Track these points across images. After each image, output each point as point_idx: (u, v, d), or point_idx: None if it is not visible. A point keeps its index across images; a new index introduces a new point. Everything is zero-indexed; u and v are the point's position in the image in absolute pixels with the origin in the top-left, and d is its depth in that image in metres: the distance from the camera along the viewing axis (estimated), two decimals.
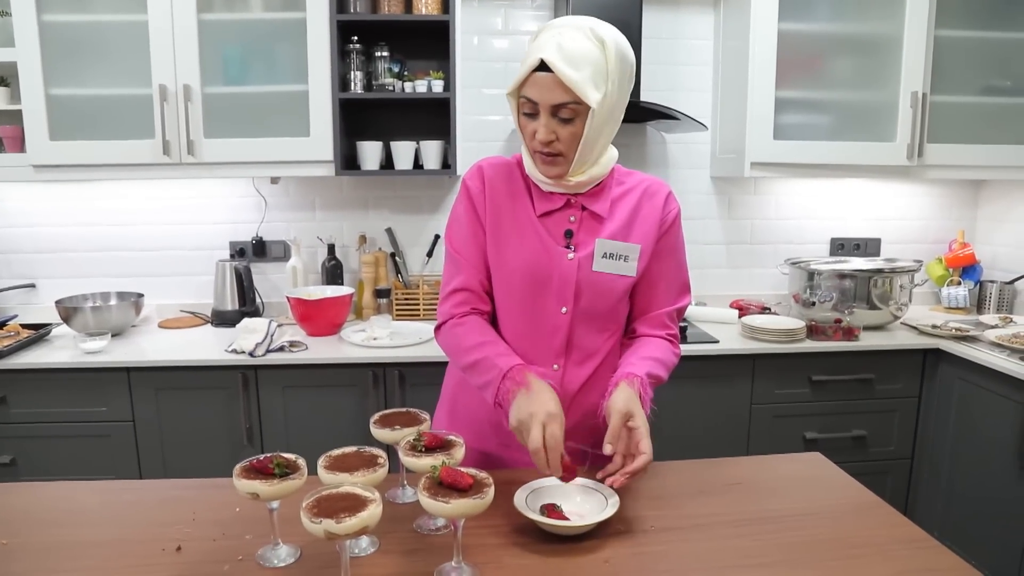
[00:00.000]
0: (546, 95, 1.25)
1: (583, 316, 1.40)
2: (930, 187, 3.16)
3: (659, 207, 1.43)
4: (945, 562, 1.10)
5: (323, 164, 2.55)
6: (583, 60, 1.23)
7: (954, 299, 3.02)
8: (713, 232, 3.11)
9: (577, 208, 1.40)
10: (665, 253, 1.44)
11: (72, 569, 1.08)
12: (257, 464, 1.08)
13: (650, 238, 1.42)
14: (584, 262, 1.38)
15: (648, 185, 1.45)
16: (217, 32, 2.46)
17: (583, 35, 1.25)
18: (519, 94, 1.30)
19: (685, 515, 1.24)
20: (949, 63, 2.70)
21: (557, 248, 1.38)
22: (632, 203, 1.42)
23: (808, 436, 2.57)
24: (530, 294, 1.39)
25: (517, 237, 1.40)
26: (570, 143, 1.30)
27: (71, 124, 2.48)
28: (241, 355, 2.34)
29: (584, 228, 1.40)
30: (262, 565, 1.09)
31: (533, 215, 1.40)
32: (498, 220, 1.41)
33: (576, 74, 1.22)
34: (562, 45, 1.23)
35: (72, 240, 2.89)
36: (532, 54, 1.25)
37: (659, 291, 1.46)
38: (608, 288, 1.40)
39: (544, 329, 1.40)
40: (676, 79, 2.97)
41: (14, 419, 2.33)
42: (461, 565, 1.05)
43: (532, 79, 1.26)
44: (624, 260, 1.39)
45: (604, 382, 1.42)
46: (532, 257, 1.38)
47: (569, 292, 1.38)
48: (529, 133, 1.32)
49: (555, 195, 1.40)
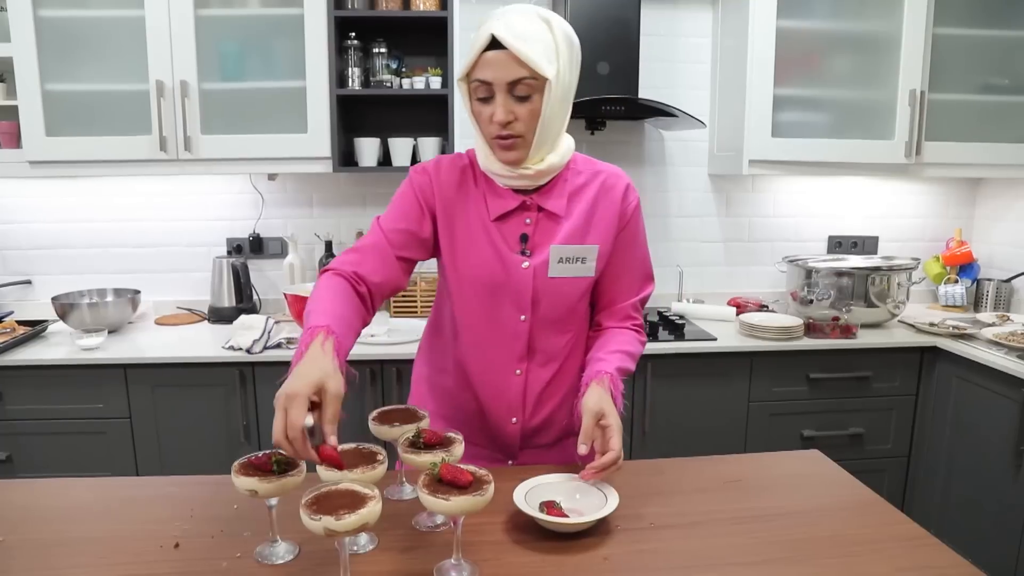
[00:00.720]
0: (500, 72, 1.22)
1: (543, 322, 1.38)
2: (928, 185, 3.17)
3: (618, 201, 1.40)
4: (944, 559, 1.10)
5: (320, 161, 2.54)
6: (532, 37, 1.21)
7: (951, 297, 3.02)
8: (711, 230, 3.11)
9: (533, 209, 1.36)
10: (626, 246, 1.43)
11: (70, 566, 1.07)
12: (256, 461, 1.07)
13: (609, 235, 1.39)
14: (540, 269, 1.35)
15: (606, 177, 1.41)
16: (214, 28, 2.45)
17: (528, 18, 1.23)
18: (471, 78, 1.26)
19: (684, 512, 1.24)
20: (947, 61, 2.71)
21: (512, 256, 1.35)
22: (590, 197, 1.39)
23: (805, 434, 2.57)
24: (487, 303, 1.37)
25: (470, 245, 1.36)
26: (529, 122, 1.26)
27: (67, 120, 2.47)
28: (238, 352, 2.34)
29: (540, 230, 1.36)
30: (260, 562, 1.08)
31: (487, 219, 1.36)
32: (450, 225, 1.37)
33: (528, 47, 1.20)
34: (510, 24, 1.21)
35: (68, 236, 2.88)
36: (480, 37, 1.23)
37: (623, 284, 1.45)
38: (566, 293, 1.38)
39: (504, 336, 1.38)
40: (674, 77, 2.97)
41: (10, 416, 2.32)
42: (461, 562, 1.05)
43: (483, 60, 1.23)
44: (582, 262, 1.37)
45: (567, 380, 1.44)
46: (486, 267, 1.35)
47: (526, 301, 1.36)
48: (485, 118, 1.27)
49: (510, 194, 1.36)
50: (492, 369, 1.40)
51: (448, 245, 1.38)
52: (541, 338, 1.39)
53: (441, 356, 1.49)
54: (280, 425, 1.00)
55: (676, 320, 2.67)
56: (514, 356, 1.39)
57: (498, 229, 1.36)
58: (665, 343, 2.48)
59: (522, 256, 1.35)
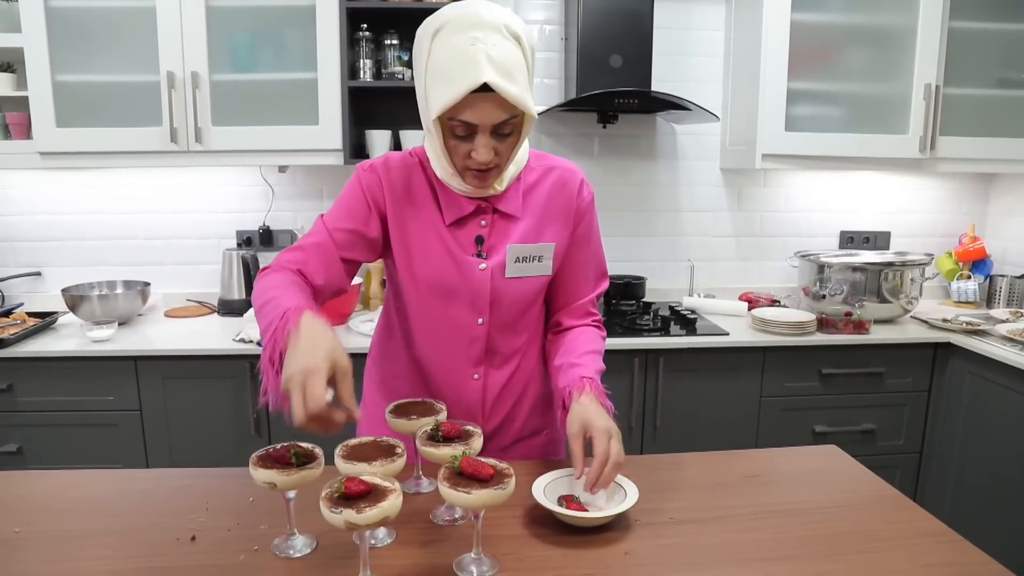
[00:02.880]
0: (487, 116, 1.15)
1: (500, 324, 1.36)
2: (941, 180, 3.14)
3: (572, 197, 1.38)
4: (969, 556, 1.09)
5: (331, 153, 2.53)
6: (515, 69, 1.14)
7: (964, 293, 3.00)
8: (723, 224, 3.09)
9: (488, 212, 1.32)
10: (581, 243, 1.41)
11: (86, 558, 1.07)
12: (274, 453, 1.07)
13: (564, 232, 1.37)
14: (497, 271, 1.33)
15: (560, 173, 1.38)
16: (225, 18, 2.44)
17: (502, 37, 1.14)
18: (447, 116, 1.16)
19: (704, 507, 1.23)
20: (963, 55, 2.68)
21: (467, 259, 1.32)
22: (544, 194, 1.36)
23: (817, 429, 2.56)
24: (442, 308, 1.34)
25: (424, 250, 1.32)
26: (507, 154, 1.24)
27: (78, 111, 2.46)
28: (249, 344, 2.33)
29: (496, 231, 1.33)
30: (278, 555, 1.07)
31: (441, 224, 1.31)
32: (402, 230, 1.32)
33: (516, 88, 1.13)
34: (492, 57, 1.11)
35: (78, 228, 2.87)
36: (460, 72, 1.11)
37: (579, 281, 1.43)
38: (524, 292, 1.36)
39: (460, 341, 1.35)
40: (687, 70, 2.94)
41: (21, 407, 2.31)
42: (481, 556, 1.04)
43: (468, 102, 1.12)
44: (539, 260, 1.35)
45: (523, 380, 1.42)
46: (441, 271, 1.31)
47: (484, 303, 1.33)
48: (462, 154, 1.21)
49: (464, 199, 1.31)
50: (449, 374, 1.37)
51: (401, 249, 1.33)
52: (498, 340, 1.37)
53: (394, 359, 1.45)
54: (300, 403, 0.95)
55: (688, 315, 2.65)
56: (471, 360, 1.37)
57: (452, 233, 1.32)
58: (677, 338, 2.47)
59: (478, 259, 1.33)
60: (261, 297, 1.16)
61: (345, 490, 0.93)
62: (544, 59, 2.88)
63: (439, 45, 1.16)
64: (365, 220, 1.31)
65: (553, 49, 2.88)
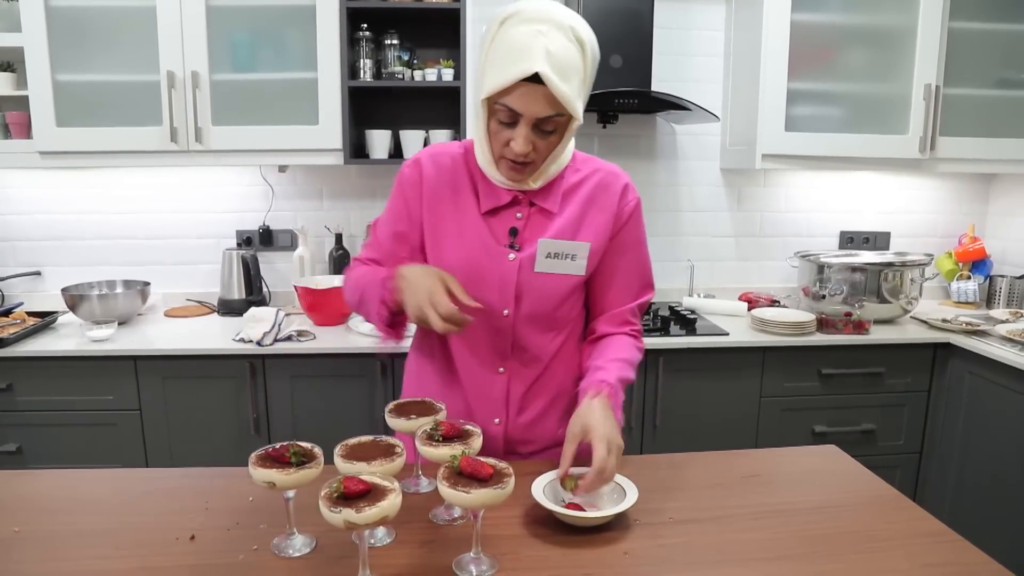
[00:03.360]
0: (533, 108, 1.17)
1: (527, 318, 1.35)
2: (940, 181, 3.15)
3: (614, 200, 1.37)
4: (968, 556, 1.09)
5: (331, 153, 2.53)
6: (571, 70, 1.16)
7: (964, 294, 3.00)
8: (723, 224, 3.09)
9: (525, 204, 1.34)
10: (623, 248, 1.39)
11: (85, 557, 1.07)
12: (273, 453, 1.07)
13: (603, 234, 1.36)
14: (526, 263, 1.33)
15: (603, 176, 1.38)
16: (225, 18, 2.44)
17: (566, 37, 1.16)
18: (495, 100, 1.19)
19: (704, 507, 1.23)
20: (963, 55, 2.68)
21: (498, 248, 1.33)
22: (585, 195, 1.36)
23: (817, 429, 2.56)
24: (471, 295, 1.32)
25: (456, 235, 1.34)
26: (544, 153, 1.25)
27: (78, 110, 2.46)
28: (249, 344, 2.33)
29: (531, 225, 1.34)
30: (277, 555, 1.07)
31: (477, 212, 1.33)
32: (436, 217, 1.35)
33: (566, 87, 1.15)
34: (551, 52, 1.13)
35: (78, 228, 2.87)
36: (516, 59, 1.14)
37: (618, 288, 1.41)
38: (552, 289, 1.35)
39: (488, 330, 1.35)
40: (687, 70, 2.94)
41: (20, 407, 2.31)
42: (480, 556, 1.04)
43: (518, 90, 1.16)
44: (571, 259, 1.34)
45: (553, 385, 1.40)
46: (471, 257, 1.32)
47: (510, 295, 1.33)
48: (501, 140, 1.23)
49: (503, 190, 1.33)
50: (476, 364, 1.37)
51: (432, 231, 1.35)
52: (526, 336, 1.36)
53: (429, 350, 1.46)
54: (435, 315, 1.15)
55: (687, 315, 2.66)
56: (497, 352, 1.37)
57: (487, 222, 1.34)
58: (676, 338, 2.47)
59: (509, 249, 1.33)
60: (355, 291, 1.37)
61: (344, 489, 0.93)
62: None
63: (505, 30, 1.19)
64: (404, 219, 1.38)
65: None
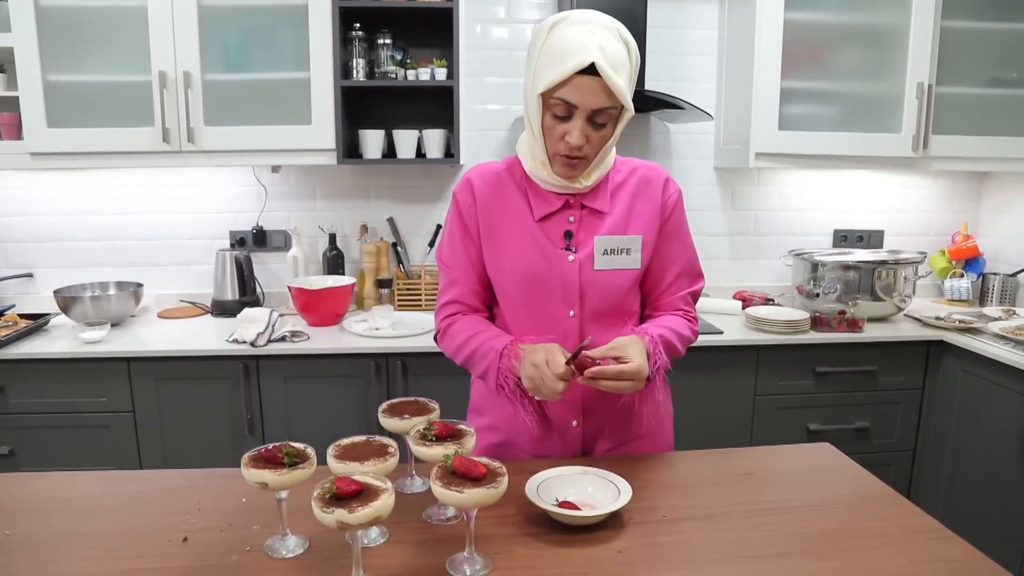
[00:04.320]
0: (588, 99, 1.22)
1: (592, 316, 1.38)
2: (933, 179, 3.15)
3: (658, 193, 1.41)
4: (962, 553, 1.09)
5: (324, 152, 2.53)
6: (621, 65, 1.22)
7: (957, 291, 3.01)
8: (716, 223, 3.09)
9: (576, 207, 1.38)
10: (671, 238, 1.43)
11: (77, 560, 1.06)
12: (266, 453, 1.06)
13: (652, 226, 1.40)
14: (585, 262, 1.36)
15: (644, 172, 1.43)
16: (217, 18, 2.43)
17: (615, 37, 1.23)
18: (552, 95, 1.24)
19: (698, 505, 1.23)
20: (956, 54, 2.69)
21: (556, 252, 1.36)
22: (630, 192, 1.41)
23: (811, 427, 2.56)
24: (535, 301, 1.37)
25: (514, 245, 1.37)
26: (597, 146, 1.30)
27: (69, 111, 2.45)
28: (242, 345, 2.32)
29: (584, 226, 1.38)
30: (270, 556, 1.07)
31: (530, 220, 1.38)
32: (492, 231, 1.39)
33: (620, 80, 1.21)
34: (604, 48, 1.20)
35: (70, 229, 2.86)
36: (571, 54, 1.20)
37: (671, 276, 1.45)
38: (614, 284, 1.38)
39: (555, 334, 1.37)
40: (680, 69, 2.95)
41: (12, 410, 2.30)
42: (474, 555, 1.04)
43: (574, 82, 1.21)
44: (627, 253, 1.38)
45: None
46: (531, 264, 1.36)
47: (574, 295, 1.36)
48: (557, 135, 1.28)
49: (553, 196, 1.37)
50: None
51: (491, 250, 1.39)
52: (591, 333, 1.37)
53: None
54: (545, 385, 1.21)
55: None
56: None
57: (541, 228, 1.37)
58: None
59: (567, 251, 1.36)
60: (466, 349, 1.38)
61: (337, 490, 0.93)
62: None
63: (556, 32, 1.24)
64: (471, 242, 1.42)
65: None
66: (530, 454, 1.44)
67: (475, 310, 1.45)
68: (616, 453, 1.46)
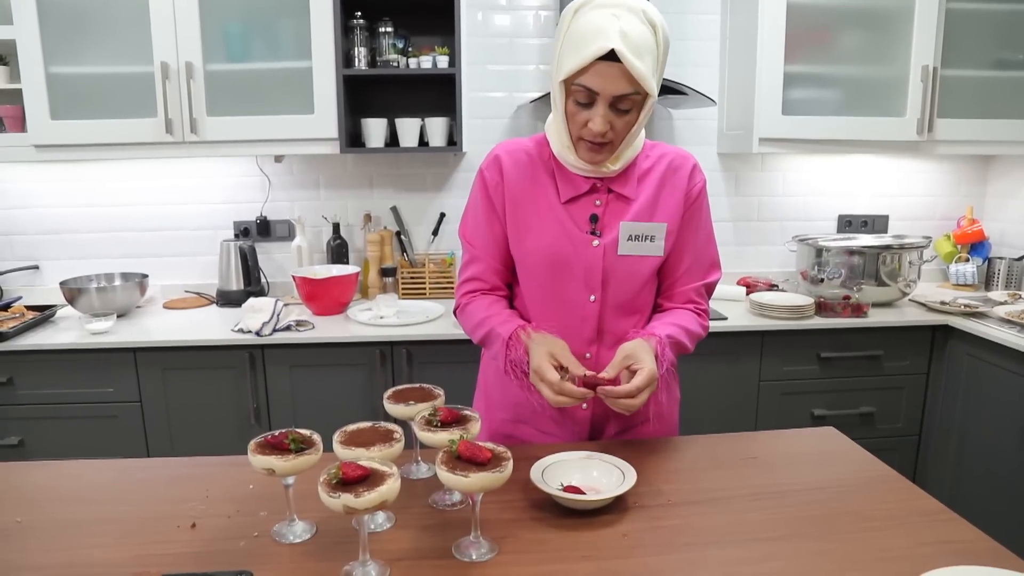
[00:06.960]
0: (610, 86, 1.21)
1: (612, 302, 1.38)
2: (938, 163, 3.14)
3: (684, 181, 1.40)
4: (965, 534, 1.09)
5: (327, 142, 2.53)
6: (645, 50, 1.20)
7: (962, 276, 3.00)
8: (720, 209, 3.08)
9: (603, 191, 1.37)
10: (690, 227, 1.42)
11: (87, 546, 1.07)
12: (272, 440, 1.07)
13: (676, 214, 1.39)
14: (610, 248, 1.35)
15: (672, 158, 1.42)
16: (219, 8, 2.43)
17: (639, 20, 1.20)
18: (573, 81, 1.23)
19: (702, 489, 1.23)
20: (960, 36, 2.66)
21: (581, 235, 1.36)
22: (657, 178, 1.39)
23: (816, 413, 2.56)
24: (556, 284, 1.37)
25: (538, 226, 1.37)
26: (621, 132, 1.28)
27: (72, 103, 2.45)
28: (248, 335, 2.33)
29: (610, 211, 1.37)
30: (278, 541, 1.08)
31: (557, 202, 1.37)
32: (518, 210, 1.38)
33: (642, 66, 1.19)
34: (626, 33, 1.17)
35: (75, 221, 2.87)
36: (592, 39, 1.18)
37: (686, 266, 1.43)
38: (636, 271, 1.37)
39: (573, 318, 1.37)
40: (683, 54, 2.93)
41: (21, 400, 2.32)
42: (479, 539, 1.04)
43: (594, 68, 1.20)
44: (651, 240, 1.37)
45: None
46: (554, 246, 1.35)
47: (596, 280, 1.36)
48: (579, 122, 1.27)
49: (580, 179, 1.36)
50: None
51: (515, 229, 1.39)
52: (610, 320, 1.38)
53: None
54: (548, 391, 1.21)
55: None
56: (583, 339, 1.38)
57: (567, 210, 1.37)
58: None
59: (592, 235, 1.36)
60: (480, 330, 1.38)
61: (343, 475, 0.93)
62: (539, 45, 2.87)
63: (579, 17, 1.23)
64: (495, 219, 1.41)
65: (547, 35, 2.87)
66: (538, 432, 1.45)
67: (495, 288, 1.44)
68: (623, 437, 1.46)
